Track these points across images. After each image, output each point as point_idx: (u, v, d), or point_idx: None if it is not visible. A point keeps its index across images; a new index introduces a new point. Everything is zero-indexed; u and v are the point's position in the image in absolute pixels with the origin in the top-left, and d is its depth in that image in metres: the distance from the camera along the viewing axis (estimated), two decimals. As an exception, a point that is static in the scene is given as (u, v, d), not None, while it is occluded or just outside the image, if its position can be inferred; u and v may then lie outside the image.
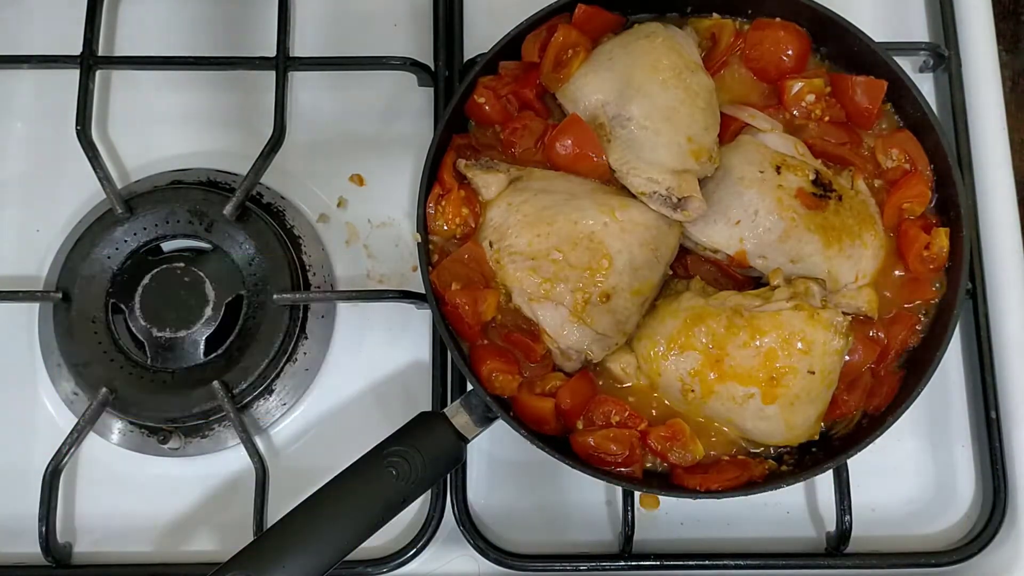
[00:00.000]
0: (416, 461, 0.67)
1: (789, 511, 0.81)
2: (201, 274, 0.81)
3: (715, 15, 0.81)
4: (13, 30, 0.91)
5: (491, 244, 0.74)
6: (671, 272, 0.76)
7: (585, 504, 0.80)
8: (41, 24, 0.92)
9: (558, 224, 0.71)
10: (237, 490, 0.81)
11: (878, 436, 0.70)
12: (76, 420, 0.79)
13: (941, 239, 0.75)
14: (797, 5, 0.78)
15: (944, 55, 0.87)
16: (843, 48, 0.79)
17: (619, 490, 0.77)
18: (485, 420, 0.70)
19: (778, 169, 0.73)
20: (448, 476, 0.77)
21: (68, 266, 0.83)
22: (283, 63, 0.86)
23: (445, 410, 0.71)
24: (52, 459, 0.78)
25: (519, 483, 0.81)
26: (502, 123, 0.77)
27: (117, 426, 0.82)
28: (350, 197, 0.87)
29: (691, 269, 0.77)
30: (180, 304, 0.80)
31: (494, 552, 0.76)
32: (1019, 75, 0.95)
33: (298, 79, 0.89)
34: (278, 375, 0.82)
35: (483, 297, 0.72)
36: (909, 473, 0.82)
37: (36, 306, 0.84)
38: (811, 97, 0.78)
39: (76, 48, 0.87)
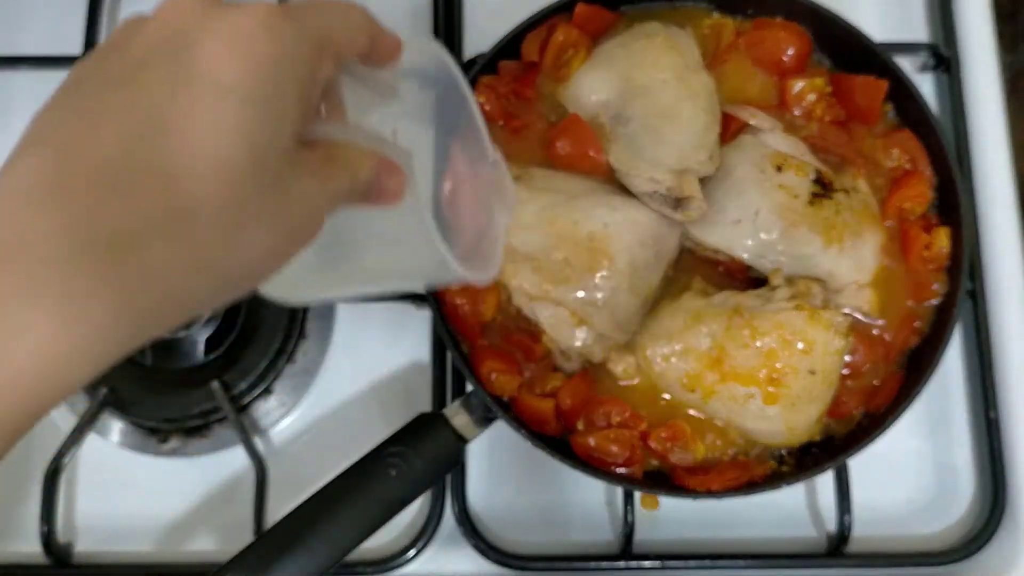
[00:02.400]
0: (415, 462, 0.67)
1: (789, 511, 0.81)
2: (201, 274, 0.81)
3: (715, 14, 0.81)
4: (13, 30, 0.91)
5: (491, 244, 0.74)
6: (671, 272, 0.76)
7: (585, 504, 0.80)
8: (41, 24, 0.92)
9: (558, 224, 0.71)
10: (237, 490, 0.81)
11: (878, 436, 0.70)
12: (76, 420, 0.79)
13: (941, 239, 0.75)
14: (798, 5, 0.78)
15: (944, 55, 0.87)
16: (844, 48, 0.79)
17: (619, 490, 0.77)
18: (485, 421, 0.70)
19: (779, 168, 0.73)
20: (448, 476, 0.77)
21: (68, 266, 0.82)
22: (283, 63, 0.86)
23: (445, 411, 0.70)
24: (53, 459, 0.78)
25: (519, 483, 0.81)
26: (502, 122, 0.78)
27: (117, 426, 0.82)
28: (350, 197, 0.87)
29: (691, 269, 0.77)
30: (180, 304, 0.80)
31: (494, 552, 0.76)
32: (1019, 76, 0.95)
33: (298, 79, 0.89)
34: (277, 376, 0.82)
35: (483, 297, 0.72)
36: (909, 473, 0.82)
37: (36, 306, 0.84)
38: (812, 97, 0.78)
39: (76, 48, 0.87)
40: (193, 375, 0.80)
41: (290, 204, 0.36)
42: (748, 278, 0.76)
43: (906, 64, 0.83)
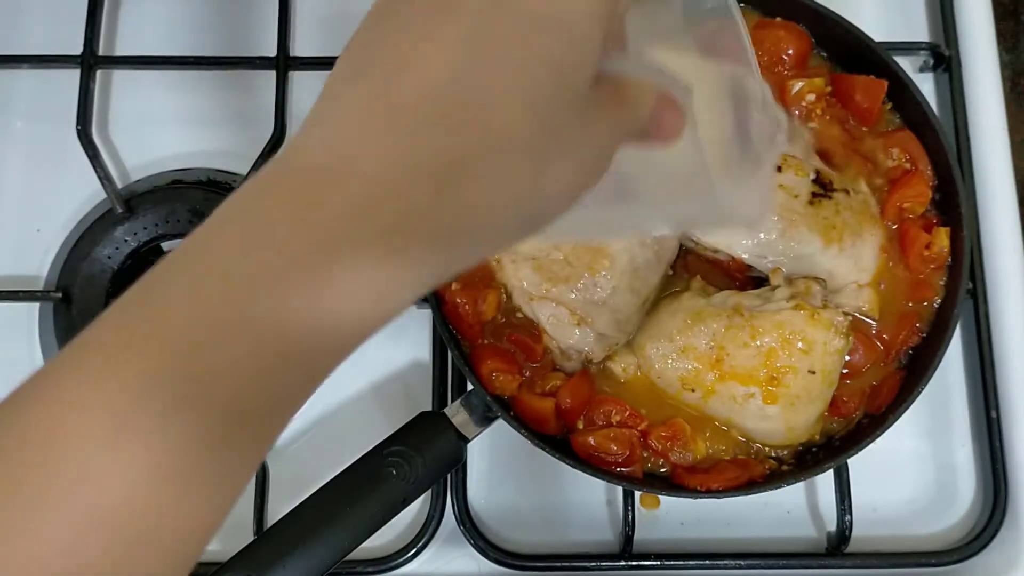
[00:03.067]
0: (416, 461, 0.67)
1: (789, 511, 0.80)
2: (201, 274, 0.81)
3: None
4: (13, 30, 0.91)
5: (491, 244, 0.73)
6: (671, 272, 0.76)
7: (585, 504, 0.80)
8: (41, 24, 0.91)
9: (558, 224, 0.71)
10: (237, 490, 0.80)
11: (878, 436, 0.70)
12: (76, 420, 0.79)
13: (942, 239, 0.75)
14: (797, 5, 0.78)
15: (944, 55, 0.87)
16: (844, 48, 0.79)
17: (619, 490, 0.77)
18: (485, 420, 0.70)
19: (779, 169, 0.73)
20: (448, 476, 0.77)
21: (68, 266, 0.82)
22: (283, 63, 0.86)
23: (445, 410, 0.71)
24: (52, 459, 0.78)
25: (519, 483, 0.80)
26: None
27: (117, 426, 0.82)
28: (350, 197, 0.87)
29: (691, 269, 0.77)
30: (180, 304, 0.80)
31: (494, 552, 0.76)
32: (1019, 75, 0.95)
33: (298, 79, 0.89)
34: (278, 375, 0.82)
35: (483, 296, 0.72)
36: (909, 473, 0.82)
37: (36, 306, 0.84)
38: (812, 97, 0.78)
39: (76, 48, 0.87)
40: (193, 375, 0.80)
41: (590, 138, 0.35)
42: (748, 278, 0.76)
43: (906, 64, 0.83)
